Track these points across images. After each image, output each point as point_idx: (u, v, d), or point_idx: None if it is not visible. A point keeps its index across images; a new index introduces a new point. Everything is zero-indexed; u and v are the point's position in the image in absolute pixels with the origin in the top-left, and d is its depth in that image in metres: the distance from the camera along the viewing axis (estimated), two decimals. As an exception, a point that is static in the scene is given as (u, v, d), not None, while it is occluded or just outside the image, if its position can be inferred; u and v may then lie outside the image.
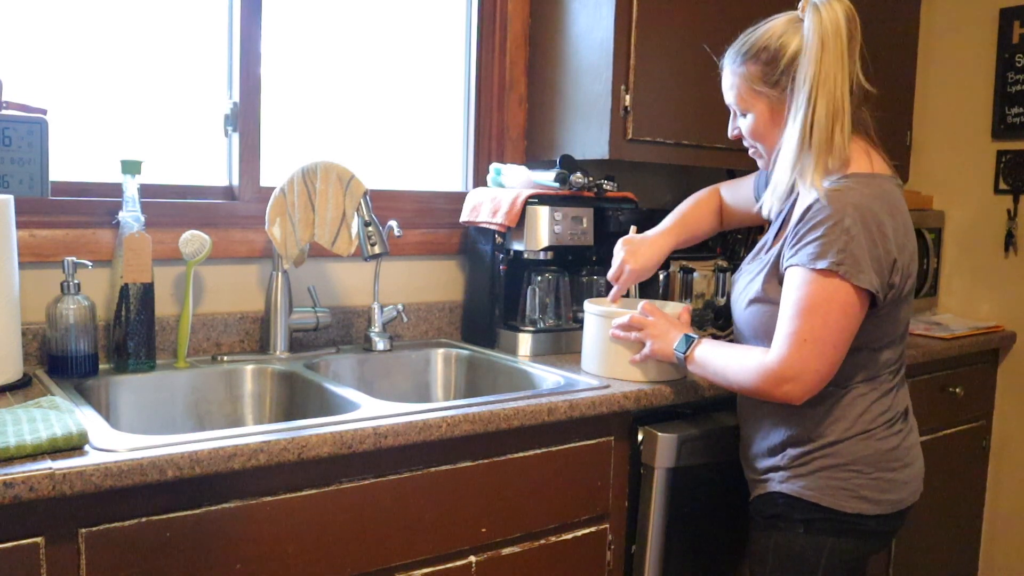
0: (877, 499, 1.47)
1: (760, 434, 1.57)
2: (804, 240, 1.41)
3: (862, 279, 1.37)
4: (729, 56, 1.55)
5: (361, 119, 2.17)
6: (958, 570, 2.75)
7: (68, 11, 1.76)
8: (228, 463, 1.20)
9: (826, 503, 1.47)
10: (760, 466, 1.56)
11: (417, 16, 2.24)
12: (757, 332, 1.52)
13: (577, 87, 2.14)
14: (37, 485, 1.06)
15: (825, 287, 1.37)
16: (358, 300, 2.08)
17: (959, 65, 2.82)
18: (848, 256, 1.36)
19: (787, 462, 1.51)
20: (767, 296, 1.49)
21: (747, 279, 1.57)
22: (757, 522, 1.57)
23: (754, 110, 1.52)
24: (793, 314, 1.40)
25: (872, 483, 1.47)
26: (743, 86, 1.52)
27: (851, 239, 1.37)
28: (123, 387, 1.64)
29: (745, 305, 1.55)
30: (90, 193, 1.77)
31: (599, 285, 2.13)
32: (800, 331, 1.38)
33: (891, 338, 1.50)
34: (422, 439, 1.38)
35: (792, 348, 1.39)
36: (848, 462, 1.47)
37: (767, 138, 1.54)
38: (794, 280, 1.41)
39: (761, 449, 1.56)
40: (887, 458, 1.49)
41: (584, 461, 1.61)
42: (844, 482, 1.47)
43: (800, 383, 1.40)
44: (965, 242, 2.83)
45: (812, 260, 1.38)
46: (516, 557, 1.53)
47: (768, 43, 1.48)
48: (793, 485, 1.50)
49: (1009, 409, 2.73)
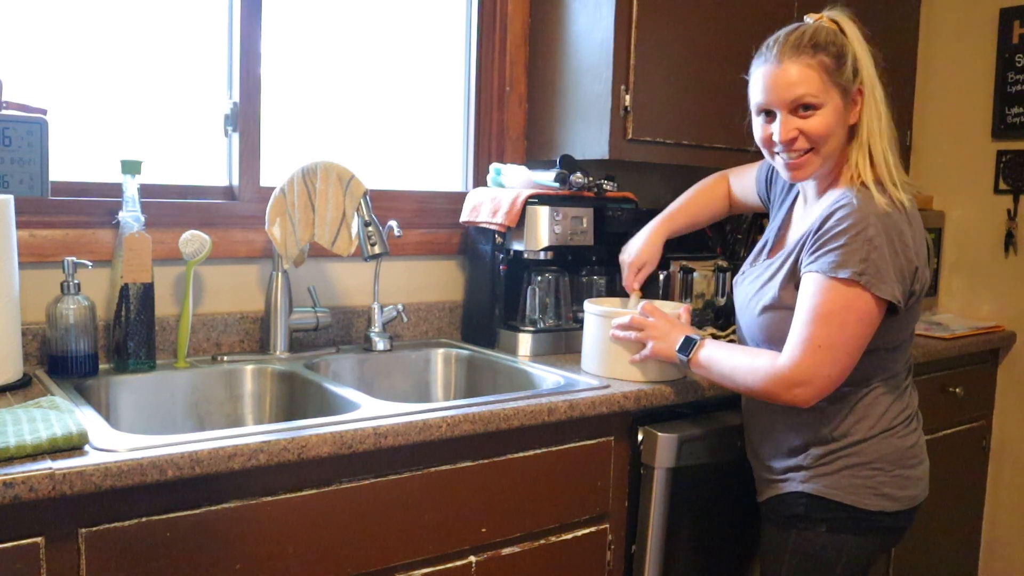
0: (897, 495, 1.49)
1: (776, 434, 1.56)
2: (826, 247, 1.40)
3: (884, 290, 1.36)
4: (791, 49, 1.43)
5: (361, 119, 2.16)
6: (958, 570, 2.75)
7: (68, 11, 1.76)
8: (228, 463, 1.20)
9: (849, 501, 1.48)
10: (778, 466, 1.55)
11: (417, 16, 2.24)
12: (772, 338, 1.51)
13: (577, 87, 2.14)
14: (37, 485, 1.06)
15: (844, 295, 1.37)
16: (358, 300, 2.08)
17: (959, 65, 2.82)
18: (871, 266, 1.36)
19: (810, 462, 1.51)
20: (783, 303, 1.48)
21: (756, 284, 1.56)
22: (773, 522, 1.57)
23: (830, 103, 1.43)
24: (809, 319, 1.39)
25: (893, 480, 1.49)
26: (820, 77, 1.42)
27: (874, 249, 1.36)
28: (123, 387, 1.64)
29: (759, 312, 1.53)
30: (90, 193, 1.77)
31: (599, 285, 2.13)
32: (815, 337, 1.38)
33: (905, 337, 1.52)
34: (422, 439, 1.38)
35: (806, 353, 1.39)
36: (871, 460, 1.48)
37: (834, 137, 1.45)
38: (812, 286, 1.40)
39: (779, 449, 1.55)
40: (907, 455, 1.51)
41: (584, 461, 1.61)
42: (867, 480, 1.48)
43: (811, 388, 1.40)
44: (965, 242, 2.83)
45: (833, 268, 1.38)
46: (516, 557, 1.53)
47: (832, 39, 1.44)
48: (816, 485, 1.50)
49: (1009, 409, 2.73)
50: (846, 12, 1.49)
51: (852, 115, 1.46)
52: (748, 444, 1.65)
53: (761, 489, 1.61)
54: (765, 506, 1.60)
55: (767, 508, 1.59)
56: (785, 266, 1.50)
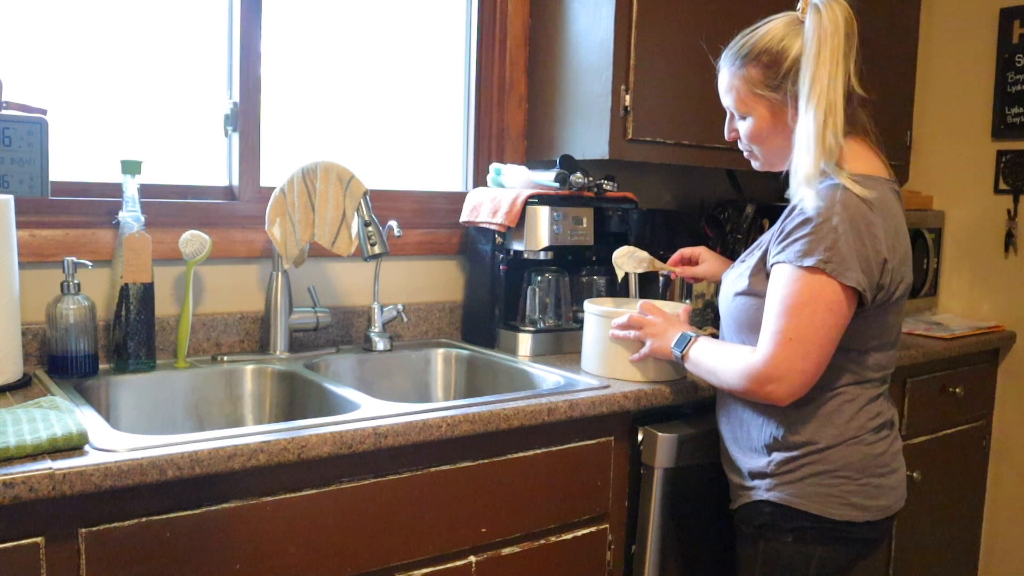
0: (866, 505, 1.46)
1: (741, 436, 1.55)
2: (791, 237, 1.40)
3: (849, 277, 1.35)
4: (727, 58, 1.53)
5: (361, 119, 2.17)
6: (958, 570, 2.75)
7: (68, 11, 1.76)
8: (228, 463, 1.20)
9: (815, 511, 1.44)
10: (745, 471, 1.53)
11: (417, 16, 2.24)
12: (742, 326, 1.51)
13: (577, 87, 2.14)
14: (37, 485, 1.06)
15: (811, 284, 1.36)
16: (358, 300, 2.08)
17: (959, 65, 2.82)
18: (835, 254, 1.35)
19: (774, 468, 1.48)
20: (752, 289, 1.48)
21: (735, 273, 1.57)
22: (743, 531, 1.55)
23: (754, 113, 1.50)
24: (779, 312, 1.39)
25: (861, 489, 1.45)
26: (743, 89, 1.50)
27: (838, 237, 1.36)
28: (123, 387, 1.64)
29: (731, 297, 1.54)
30: (90, 193, 1.77)
31: (599, 285, 2.13)
32: (785, 330, 1.37)
33: (879, 342, 1.48)
34: (422, 439, 1.38)
35: (777, 347, 1.38)
36: (837, 468, 1.45)
37: (767, 141, 1.52)
38: (780, 278, 1.40)
39: (745, 454, 1.53)
40: (875, 463, 1.47)
41: (584, 461, 1.61)
42: (833, 488, 1.45)
43: (785, 383, 1.38)
44: (965, 242, 2.83)
45: (799, 257, 1.37)
46: (516, 557, 1.53)
47: (769, 46, 1.46)
48: (781, 493, 1.47)
49: (1009, 409, 2.73)
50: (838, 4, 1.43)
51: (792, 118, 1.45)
52: (722, 448, 1.62)
53: (733, 497, 1.58)
54: (736, 515, 1.57)
55: (738, 517, 1.56)
56: (756, 254, 1.51)
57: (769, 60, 1.46)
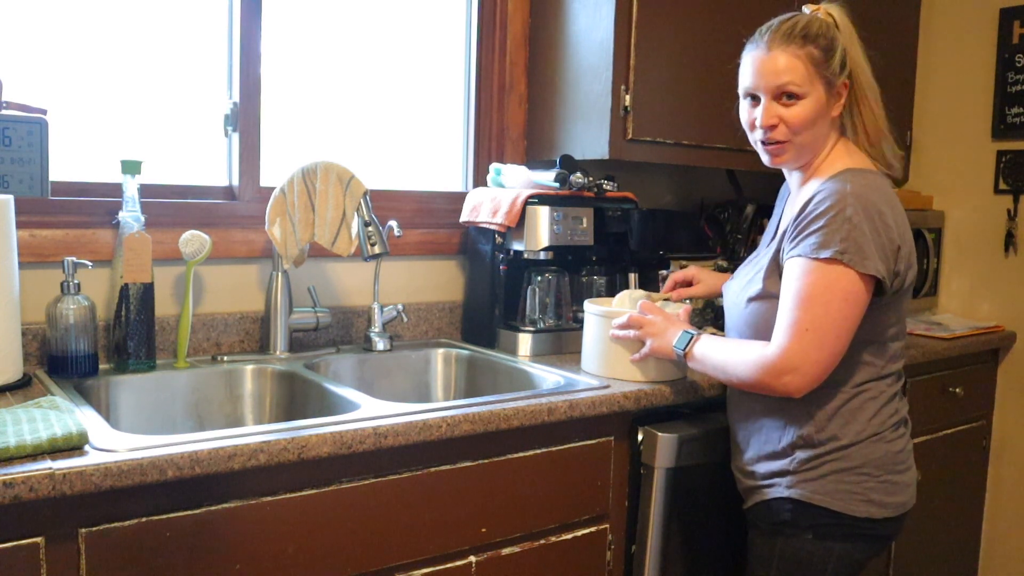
0: (885, 502, 1.47)
1: (760, 438, 1.54)
2: (806, 231, 1.41)
3: (868, 265, 1.36)
4: (781, 38, 1.46)
5: (361, 119, 2.16)
6: (958, 570, 2.75)
7: (68, 11, 1.76)
8: (228, 463, 1.20)
9: (836, 507, 1.45)
10: (762, 471, 1.53)
11: (417, 16, 2.24)
12: (759, 330, 1.50)
13: (577, 87, 2.14)
14: (37, 485, 1.06)
15: (826, 275, 1.37)
16: (358, 300, 2.08)
17: (959, 65, 2.82)
18: (852, 244, 1.36)
19: (796, 466, 1.48)
20: (768, 291, 1.48)
21: (745, 279, 1.57)
22: (760, 528, 1.55)
23: (813, 93, 1.45)
24: (794, 304, 1.39)
25: (881, 486, 1.46)
26: (807, 67, 1.44)
27: (854, 227, 1.37)
28: (123, 387, 1.64)
29: (745, 304, 1.54)
30: (90, 193, 1.77)
31: (599, 285, 2.13)
32: (801, 321, 1.37)
33: (896, 330, 1.50)
34: (422, 439, 1.38)
35: (793, 338, 1.38)
36: (859, 465, 1.46)
37: (814, 127, 1.47)
38: (795, 271, 1.41)
39: (763, 453, 1.54)
40: (895, 460, 1.48)
41: (584, 461, 1.61)
42: (855, 485, 1.46)
43: (800, 374, 1.38)
44: (965, 242, 2.83)
45: (815, 250, 1.38)
46: (516, 557, 1.53)
47: (823, 31, 1.46)
48: (802, 490, 1.47)
49: (1009, 409, 2.73)
50: (844, 8, 1.51)
51: (835, 108, 1.49)
52: (733, 449, 1.63)
53: (746, 496, 1.58)
54: (751, 513, 1.57)
55: (753, 515, 1.57)
56: (768, 256, 1.51)
57: (826, 44, 1.46)
